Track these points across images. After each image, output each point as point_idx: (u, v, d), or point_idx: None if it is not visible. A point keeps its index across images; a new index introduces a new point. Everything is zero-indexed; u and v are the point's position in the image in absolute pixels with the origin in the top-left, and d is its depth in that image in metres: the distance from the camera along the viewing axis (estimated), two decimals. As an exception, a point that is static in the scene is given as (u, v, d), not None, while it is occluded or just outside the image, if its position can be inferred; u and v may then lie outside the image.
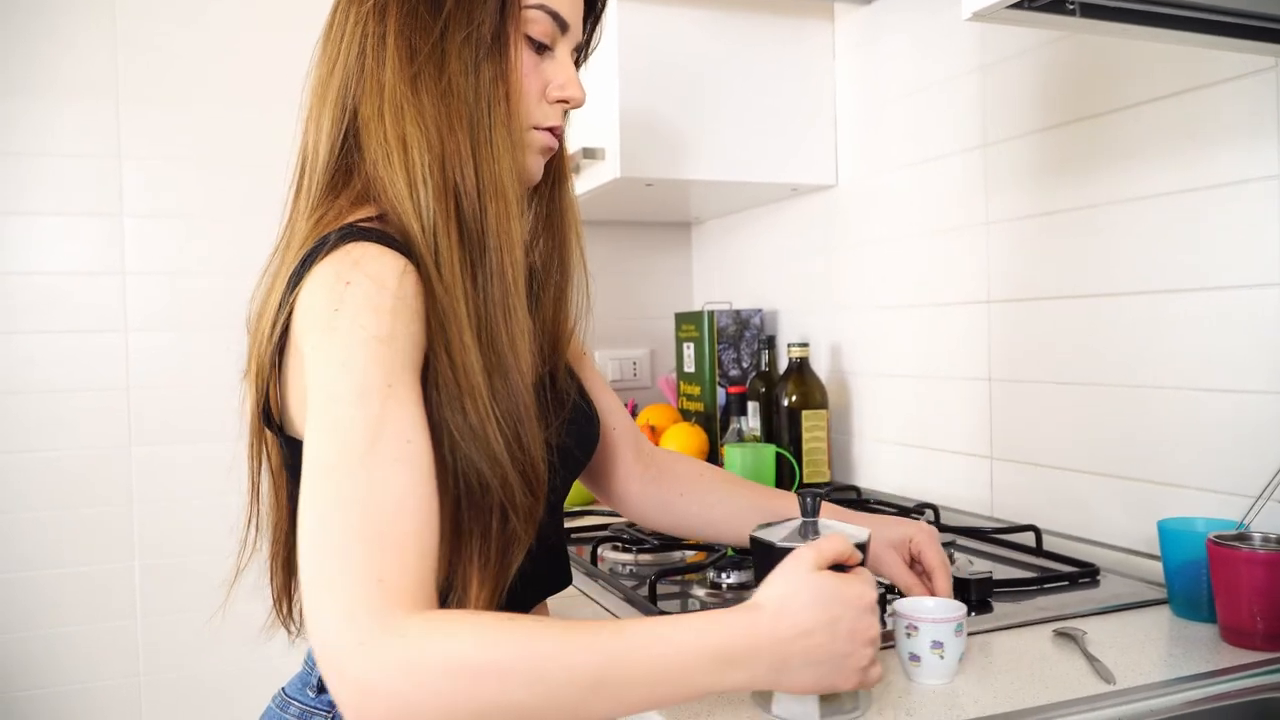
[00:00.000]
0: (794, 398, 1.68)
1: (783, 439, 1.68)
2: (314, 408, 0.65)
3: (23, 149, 1.83)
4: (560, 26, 0.81)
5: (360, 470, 0.62)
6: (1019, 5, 0.78)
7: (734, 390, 1.84)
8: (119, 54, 1.88)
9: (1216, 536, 0.90)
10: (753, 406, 1.79)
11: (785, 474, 1.66)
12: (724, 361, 1.90)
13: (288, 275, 0.72)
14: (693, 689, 0.62)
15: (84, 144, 1.86)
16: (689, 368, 1.98)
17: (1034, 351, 1.31)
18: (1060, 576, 1.11)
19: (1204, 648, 0.88)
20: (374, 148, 0.74)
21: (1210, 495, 1.06)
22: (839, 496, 1.62)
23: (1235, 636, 0.87)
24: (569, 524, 1.47)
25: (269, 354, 0.73)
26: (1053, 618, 0.97)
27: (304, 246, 0.72)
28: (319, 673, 0.76)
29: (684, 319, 2.00)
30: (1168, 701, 0.77)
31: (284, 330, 0.71)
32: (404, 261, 0.69)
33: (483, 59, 0.75)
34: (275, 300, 0.73)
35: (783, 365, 1.77)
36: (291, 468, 0.77)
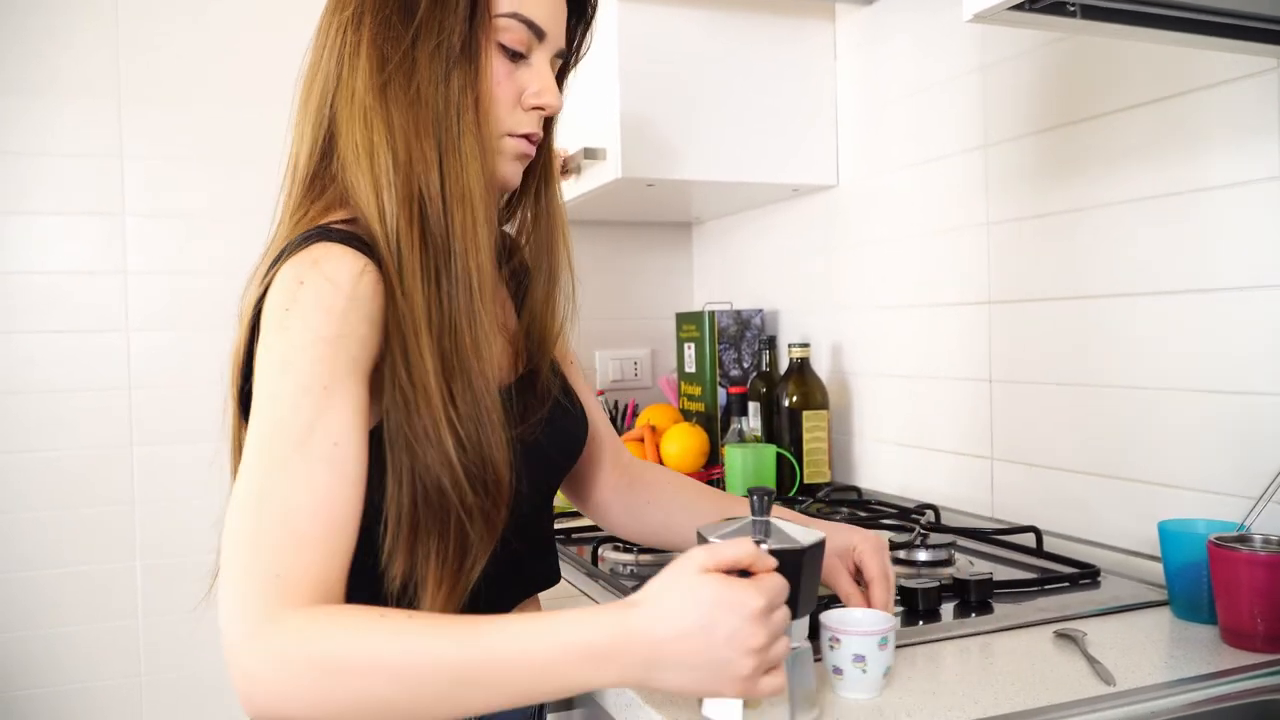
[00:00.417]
0: (795, 398, 1.68)
1: (783, 439, 1.68)
2: (255, 404, 0.68)
3: (23, 148, 1.83)
4: (536, 34, 0.81)
5: (283, 468, 0.65)
6: (1020, 6, 0.78)
7: (735, 390, 1.84)
8: (120, 53, 1.88)
9: (1217, 538, 0.90)
10: (753, 407, 1.79)
11: (786, 474, 1.66)
12: (725, 362, 1.90)
13: (263, 275, 0.74)
14: (563, 684, 0.63)
15: (85, 143, 1.86)
16: (690, 368, 1.98)
17: (1035, 352, 1.31)
18: (1061, 578, 1.11)
19: (1204, 649, 0.88)
20: (345, 153, 0.76)
21: (1211, 497, 1.06)
22: (840, 497, 1.62)
23: (1236, 638, 0.87)
24: (570, 524, 1.47)
25: (242, 352, 0.75)
26: (1053, 619, 0.97)
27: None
28: None
29: (685, 319, 2.00)
30: (1168, 703, 0.77)
31: (254, 329, 0.73)
32: (364, 262, 0.71)
33: (453, 67, 0.76)
34: (251, 299, 0.75)
35: (783, 365, 1.78)
36: None
